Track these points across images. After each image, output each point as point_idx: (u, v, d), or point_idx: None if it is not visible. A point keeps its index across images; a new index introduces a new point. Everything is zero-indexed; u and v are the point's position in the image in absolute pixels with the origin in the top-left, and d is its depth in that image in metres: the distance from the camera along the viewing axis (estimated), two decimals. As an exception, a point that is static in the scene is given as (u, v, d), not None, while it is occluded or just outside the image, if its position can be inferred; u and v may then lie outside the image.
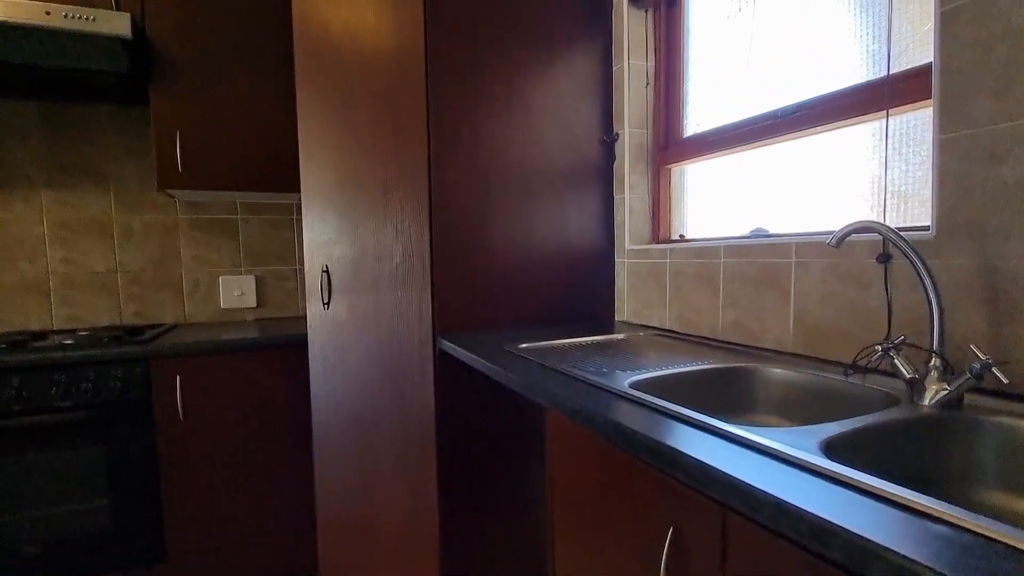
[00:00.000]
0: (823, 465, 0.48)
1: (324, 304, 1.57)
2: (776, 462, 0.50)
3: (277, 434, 1.73)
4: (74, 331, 1.86)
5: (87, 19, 1.47)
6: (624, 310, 1.63)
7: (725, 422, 0.61)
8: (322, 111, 1.52)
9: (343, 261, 1.55)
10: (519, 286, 1.58)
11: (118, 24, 1.51)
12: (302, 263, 2.28)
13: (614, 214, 1.66)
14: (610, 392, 0.79)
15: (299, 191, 1.94)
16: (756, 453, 0.53)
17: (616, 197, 1.64)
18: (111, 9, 1.63)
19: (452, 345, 1.36)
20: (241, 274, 2.19)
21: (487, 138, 1.50)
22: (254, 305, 2.22)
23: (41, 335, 1.79)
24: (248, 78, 1.82)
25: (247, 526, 1.71)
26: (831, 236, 0.75)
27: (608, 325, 1.58)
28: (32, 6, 1.45)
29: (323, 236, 1.55)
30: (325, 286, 1.57)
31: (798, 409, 0.91)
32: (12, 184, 1.87)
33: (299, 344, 1.72)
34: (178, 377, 1.59)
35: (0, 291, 1.88)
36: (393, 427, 1.58)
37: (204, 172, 1.78)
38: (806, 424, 0.89)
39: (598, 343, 1.28)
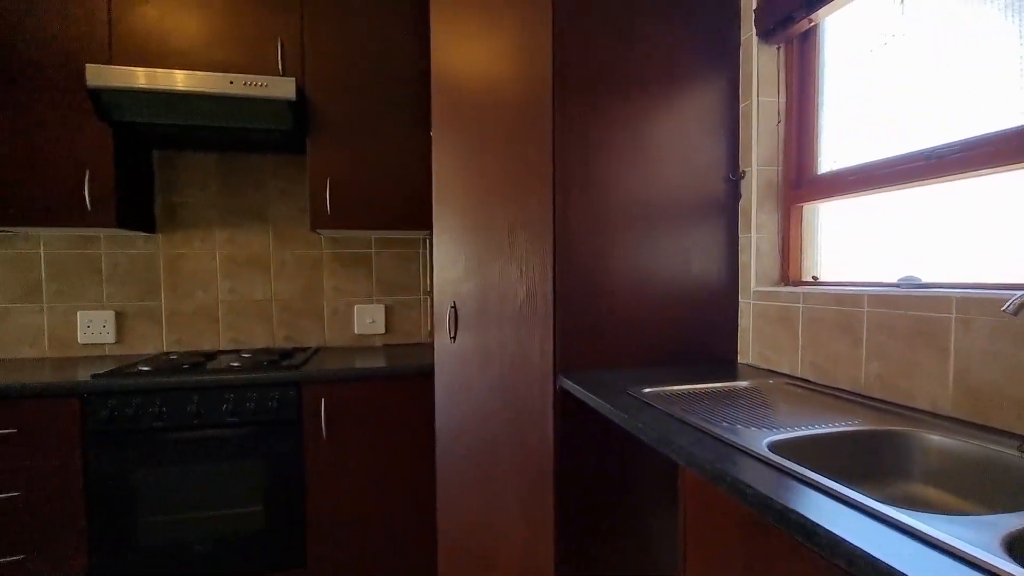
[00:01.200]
0: (1013, 572, 0.45)
1: (451, 337, 1.67)
2: (955, 561, 0.48)
3: (405, 457, 1.85)
4: (238, 352, 2.12)
5: (261, 86, 1.72)
6: (748, 353, 1.58)
7: (891, 505, 0.58)
8: (455, 158, 1.64)
9: (470, 298, 1.64)
10: (640, 325, 1.59)
11: (286, 88, 1.74)
12: (427, 293, 2.43)
13: (739, 254, 1.61)
14: (750, 455, 0.78)
15: (426, 228, 2.09)
16: (928, 547, 0.51)
17: (742, 236, 1.60)
18: (279, 75, 1.88)
19: (573, 384, 1.40)
20: (373, 303, 2.38)
21: (609, 180, 1.54)
22: (383, 332, 2.40)
23: (212, 355, 2.06)
24: (389, 128, 2.01)
25: (377, 542, 1.84)
26: (1008, 303, 0.69)
27: (731, 368, 1.54)
28: (218, 77, 1.71)
29: (452, 274, 1.66)
30: (452, 321, 1.67)
31: (959, 482, 0.84)
32: (193, 225, 2.19)
33: (427, 374, 1.83)
34: (323, 400, 1.76)
35: (181, 316, 2.20)
36: (513, 459, 1.63)
37: (349, 213, 1.98)
38: (970, 499, 0.81)
39: (725, 391, 1.25)
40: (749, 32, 1.55)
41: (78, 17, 1.76)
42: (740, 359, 1.62)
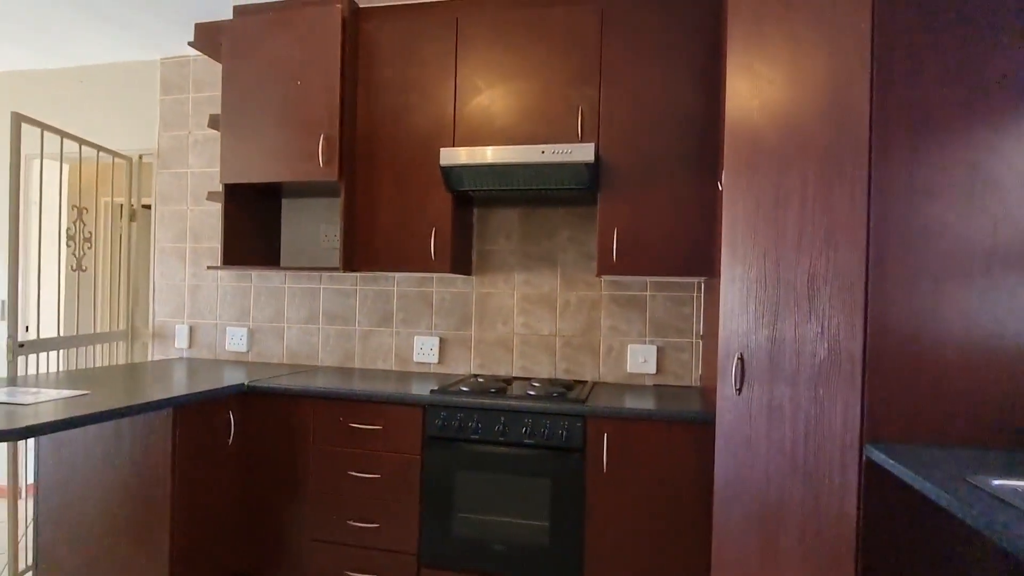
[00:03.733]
0: None
1: (736, 389, 1.65)
2: None
3: (681, 502, 1.87)
4: (529, 380, 2.43)
5: (567, 152, 1.99)
6: None
7: None
8: (747, 208, 1.64)
9: (758, 351, 1.60)
10: (978, 399, 1.35)
11: (587, 153, 1.98)
12: (698, 337, 2.43)
13: None
14: None
15: (703, 274, 2.10)
16: None
17: None
18: (577, 140, 2.14)
19: (887, 459, 1.25)
20: (645, 343, 2.47)
21: (942, 228, 1.36)
22: (653, 372, 2.47)
23: (508, 380, 2.40)
24: (671, 179, 2.11)
25: (648, 580, 1.89)
26: None
27: None
28: (533, 149, 2.04)
29: (740, 325, 1.65)
30: (738, 372, 1.65)
31: None
32: (498, 269, 2.60)
33: (706, 421, 1.83)
34: (605, 434, 1.90)
35: (485, 344, 2.62)
36: (801, 532, 1.52)
37: (632, 261, 2.12)
38: None
39: (1126, 500, 0.98)
40: None
41: (435, 113, 2.30)
42: None
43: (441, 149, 2.13)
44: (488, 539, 1.99)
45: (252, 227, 2.61)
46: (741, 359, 1.65)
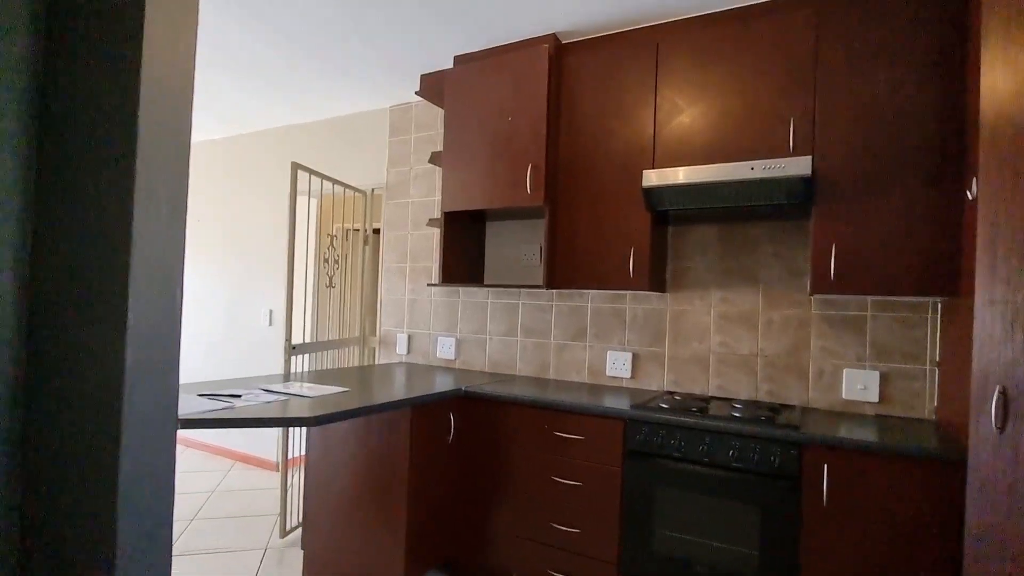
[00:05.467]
0: None
1: (997, 427, 1.45)
2: None
3: (917, 549, 1.67)
4: (728, 401, 2.36)
5: (781, 167, 1.92)
6: None
7: None
8: (1013, 222, 1.43)
9: (1029, 385, 1.39)
10: None
11: (803, 166, 1.90)
12: (933, 363, 2.15)
13: None
14: None
15: (943, 293, 1.87)
16: None
17: None
18: (788, 154, 2.05)
19: None
20: (865, 368, 2.25)
21: None
22: (875, 401, 2.23)
23: (705, 400, 2.36)
24: (904, 190, 1.91)
25: (878, 631, 1.72)
26: None
27: None
28: (741, 166, 2.00)
29: (1003, 354, 1.44)
30: (1000, 408, 1.44)
31: None
32: (694, 286, 2.58)
33: (952, 461, 1.62)
34: (826, 466, 1.78)
35: (678, 361, 2.60)
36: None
37: (853, 279, 1.97)
38: None
39: None
40: None
41: (634, 136, 2.38)
42: None
43: (644, 171, 2.19)
44: (690, 560, 1.97)
45: (462, 248, 2.93)
46: (1004, 393, 1.44)
